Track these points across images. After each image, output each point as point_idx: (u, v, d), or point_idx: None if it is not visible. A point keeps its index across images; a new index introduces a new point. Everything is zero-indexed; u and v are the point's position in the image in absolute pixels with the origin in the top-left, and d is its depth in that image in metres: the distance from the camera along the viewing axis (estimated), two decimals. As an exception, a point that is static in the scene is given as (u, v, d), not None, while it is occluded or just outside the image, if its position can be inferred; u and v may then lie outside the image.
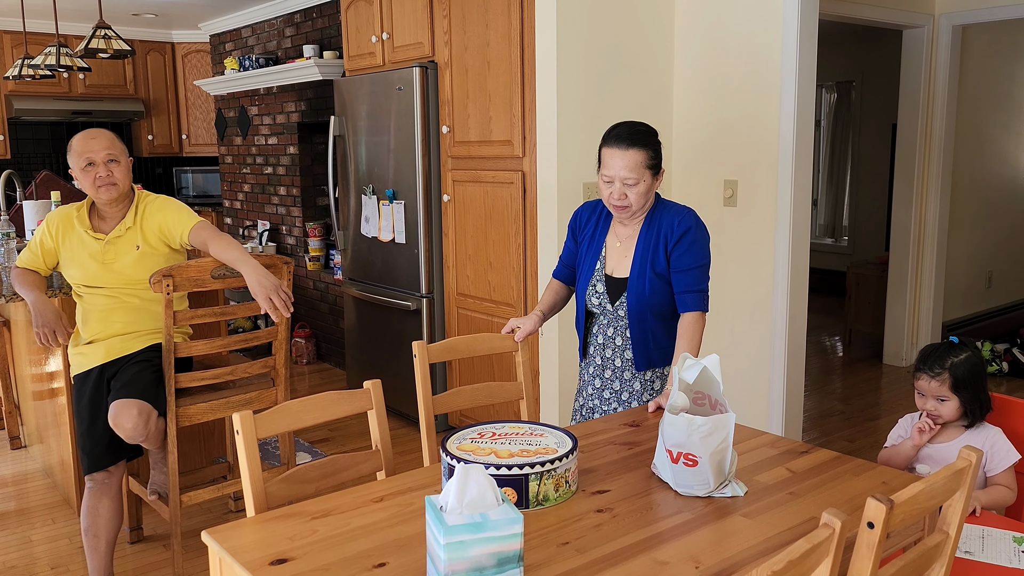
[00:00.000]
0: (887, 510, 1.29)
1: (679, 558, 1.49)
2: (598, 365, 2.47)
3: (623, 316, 2.39)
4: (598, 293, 2.41)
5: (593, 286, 2.41)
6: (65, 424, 3.31)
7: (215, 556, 1.57)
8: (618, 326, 2.41)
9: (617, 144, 2.27)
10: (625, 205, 2.30)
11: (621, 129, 2.30)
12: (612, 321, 2.41)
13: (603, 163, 2.30)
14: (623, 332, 2.40)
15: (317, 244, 5.78)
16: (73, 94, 7.05)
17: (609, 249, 2.42)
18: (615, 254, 2.41)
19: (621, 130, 2.29)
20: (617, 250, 2.41)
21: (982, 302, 6.17)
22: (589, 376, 2.50)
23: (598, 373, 2.47)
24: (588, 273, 2.43)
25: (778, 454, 2.01)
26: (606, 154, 2.29)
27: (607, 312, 2.41)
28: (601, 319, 2.44)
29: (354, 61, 4.71)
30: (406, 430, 4.44)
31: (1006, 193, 6.23)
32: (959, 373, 2.21)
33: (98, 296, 2.79)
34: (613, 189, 2.29)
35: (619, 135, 2.28)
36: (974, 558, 1.95)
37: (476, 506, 1.37)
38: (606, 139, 2.31)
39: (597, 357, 2.47)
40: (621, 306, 2.38)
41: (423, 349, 2.32)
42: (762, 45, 3.42)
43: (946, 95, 5.16)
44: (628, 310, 2.37)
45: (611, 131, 2.32)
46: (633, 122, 2.34)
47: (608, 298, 2.40)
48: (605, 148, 2.30)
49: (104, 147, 2.73)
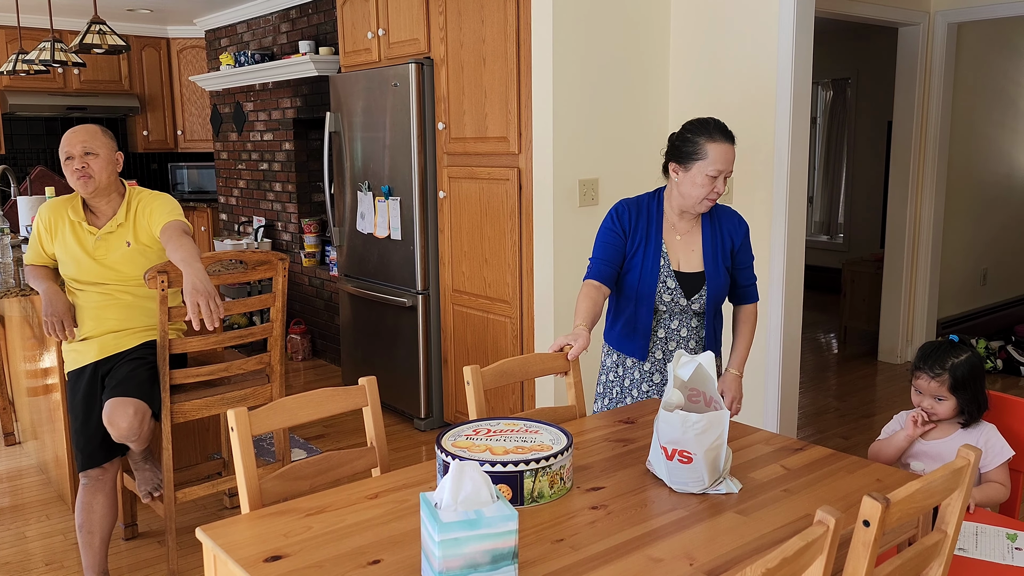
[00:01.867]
0: (883, 508, 1.29)
1: (673, 555, 1.49)
2: (658, 360, 2.49)
3: (695, 309, 2.43)
4: (670, 289, 2.41)
5: (663, 283, 2.40)
6: (59, 420, 3.30)
7: (209, 553, 1.57)
8: (683, 319, 2.45)
9: (725, 138, 2.30)
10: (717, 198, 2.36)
11: (715, 124, 2.32)
12: (677, 315, 2.45)
13: (709, 158, 2.28)
14: (688, 324, 2.45)
15: (313, 240, 5.77)
16: (68, 89, 7.02)
17: (670, 246, 2.43)
18: (677, 250, 2.43)
19: (717, 125, 2.32)
20: (678, 245, 2.43)
21: (977, 299, 6.18)
22: (645, 372, 2.49)
23: (658, 368, 2.49)
24: (653, 271, 2.40)
25: (773, 451, 2.01)
26: (716, 149, 2.28)
27: (678, 307, 2.43)
28: (664, 315, 2.45)
29: (350, 57, 4.69)
30: (401, 427, 4.43)
31: (1001, 190, 6.24)
32: (959, 374, 2.21)
33: (91, 293, 2.79)
34: (718, 183, 2.32)
35: (722, 129, 2.31)
36: (968, 555, 1.96)
37: (471, 503, 1.37)
38: (710, 134, 2.30)
39: (658, 352, 2.48)
40: (697, 300, 2.42)
41: (477, 375, 2.13)
42: (758, 42, 3.41)
43: (941, 92, 5.16)
44: (706, 303, 2.43)
45: (708, 127, 2.31)
46: (714, 118, 2.36)
47: (682, 293, 2.41)
48: (711, 143, 2.29)
49: (81, 140, 2.72)
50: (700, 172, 2.30)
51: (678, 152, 2.35)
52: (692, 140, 2.31)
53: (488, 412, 3.98)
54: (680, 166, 2.35)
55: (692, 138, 2.32)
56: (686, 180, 2.34)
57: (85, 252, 2.78)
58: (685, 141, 2.33)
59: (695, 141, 2.31)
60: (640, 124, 3.73)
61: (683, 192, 2.36)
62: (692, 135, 2.32)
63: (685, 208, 2.40)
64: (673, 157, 2.37)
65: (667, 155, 2.41)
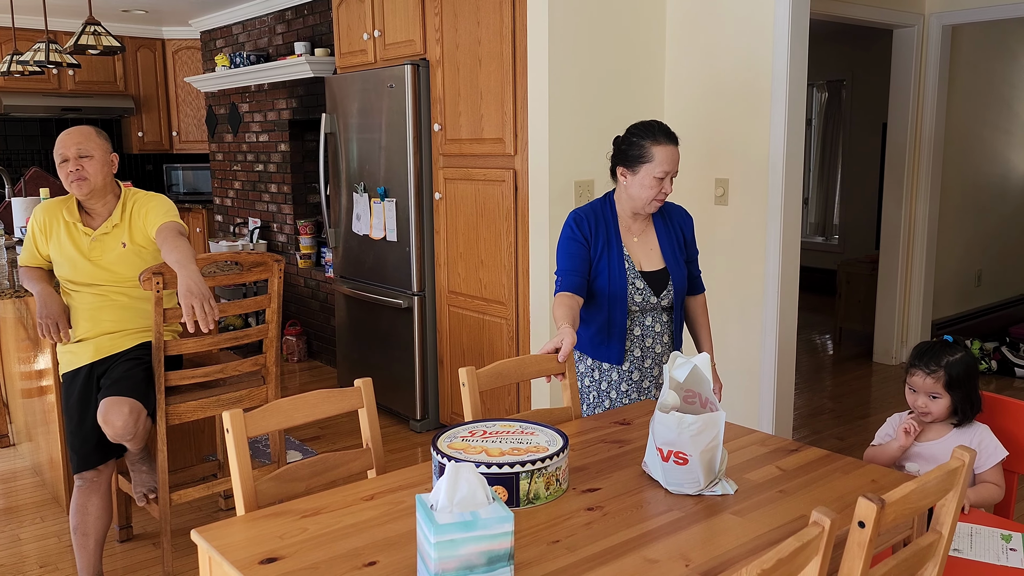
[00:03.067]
0: (878, 509, 1.30)
1: (669, 556, 1.49)
2: (637, 357, 2.52)
3: (664, 305, 2.49)
4: (639, 290, 2.45)
5: (632, 284, 2.45)
6: (54, 422, 3.29)
7: (204, 555, 1.57)
8: (655, 315, 2.50)
9: (668, 140, 2.37)
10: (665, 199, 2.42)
11: (659, 127, 2.38)
12: (649, 311, 2.49)
13: (655, 160, 2.35)
14: (659, 319, 2.51)
15: (308, 242, 5.76)
16: (63, 90, 7.01)
17: (630, 248, 2.48)
18: (637, 250, 2.49)
19: (661, 127, 2.38)
20: (637, 246, 2.49)
21: (971, 300, 6.20)
22: (624, 372, 2.51)
23: (637, 365, 2.52)
24: (621, 274, 2.44)
25: (768, 452, 2.01)
26: (660, 151, 2.34)
27: (648, 305, 2.47)
28: (637, 314, 2.49)
29: (345, 58, 4.69)
30: (397, 428, 4.43)
31: (996, 192, 6.26)
32: (954, 372, 2.22)
33: (86, 294, 2.78)
34: (665, 184, 2.38)
35: (665, 132, 2.37)
36: (963, 556, 1.96)
37: (466, 504, 1.37)
38: (655, 137, 2.35)
39: (636, 350, 2.52)
40: (666, 295, 2.49)
41: (473, 376, 2.13)
42: (753, 44, 3.42)
43: (936, 94, 5.18)
44: (674, 297, 2.50)
45: (652, 130, 2.37)
46: (657, 121, 2.41)
47: (651, 291, 2.46)
48: (656, 146, 2.35)
49: (76, 142, 2.72)
50: (647, 174, 2.37)
51: (624, 156, 2.41)
52: (638, 144, 2.37)
53: (484, 413, 3.98)
54: (628, 169, 2.41)
55: (637, 142, 2.38)
56: (634, 183, 2.40)
57: (80, 253, 2.77)
58: (631, 145, 2.39)
59: (640, 144, 2.37)
60: (636, 125, 3.73)
61: (632, 194, 2.42)
62: (637, 139, 2.38)
63: (636, 209, 2.46)
64: (620, 161, 2.43)
65: (613, 159, 2.46)
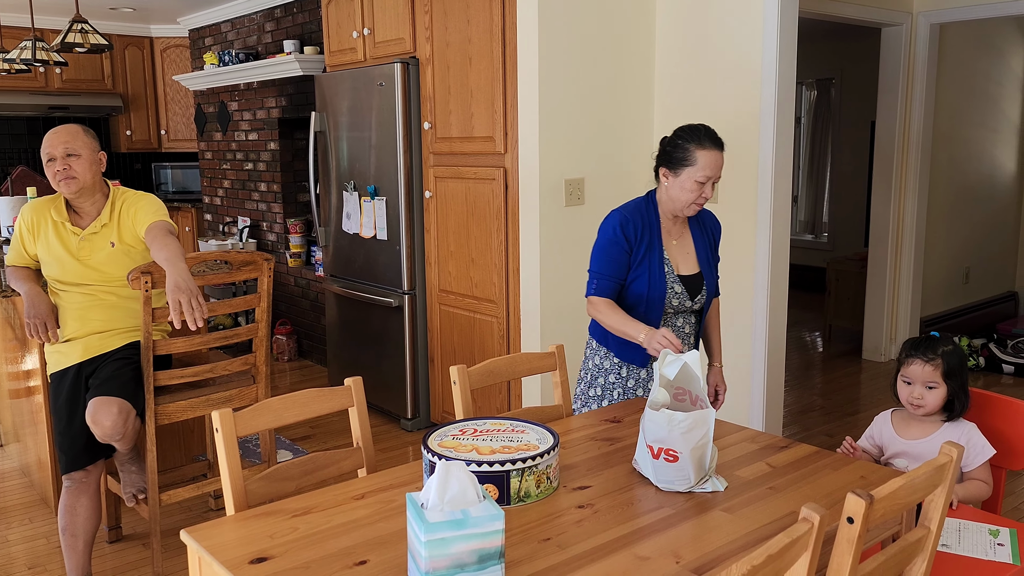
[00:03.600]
0: (867, 505, 1.30)
1: (660, 553, 1.50)
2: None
3: (695, 308, 2.51)
4: (677, 294, 2.45)
5: (672, 288, 2.45)
6: (42, 423, 3.27)
7: (194, 555, 1.56)
8: (686, 317, 2.53)
9: (714, 145, 2.34)
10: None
11: (706, 131, 2.36)
12: (681, 313, 2.51)
13: (699, 164, 2.32)
14: (689, 321, 2.54)
15: (298, 240, 5.75)
16: (50, 89, 6.96)
17: (669, 251, 2.48)
18: (675, 254, 2.49)
19: (708, 132, 2.36)
20: (675, 250, 2.49)
21: (959, 298, 6.23)
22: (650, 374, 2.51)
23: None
24: (661, 278, 2.43)
25: (758, 449, 2.02)
26: (705, 156, 2.32)
27: (683, 308, 2.48)
28: (671, 316, 2.50)
29: (335, 57, 4.68)
30: (388, 427, 4.43)
31: (983, 189, 6.29)
32: (951, 361, 2.24)
33: (74, 294, 2.76)
34: (706, 189, 2.36)
35: (711, 136, 2.35)
36: (951, 551, 1.97)
37: (457, 503, 1.37)
38: (700, 141, 2.33)
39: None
40: (699, 300, 2.50)
41: (464, 375, 2.15)
42: (742, 42, 3.43)
43: (924, 92, 5.20)
44: (705, 301, 2.53)
45: (698, 134, 2.35)
46: (704, 125, 2.39)
47: (687, 295, 2.47)
48: (701, 150, 2.33)
49: (62, 141, 2.70)
50: (689, 178, 2.35)
51: (669, 158, 2.39)
52: (683, 146, 2.36)
53: (475, 412, 3.98)
54: (670, 171, 2.39)
55: (683, 144, 2.36)
56: (675, 185, 2.38)
57: (69, 253, 2.76)
58: (676, 147, 2.37)
59: (685, 147, 2.35)
60: (626, 123, 3.74)
61: (672, 196, 2.41)
62: (683, 141, 2.36)
63: (675, 212, 2.45)
64: (663, 162, 2.42)
65: (658, 159, 2.45)
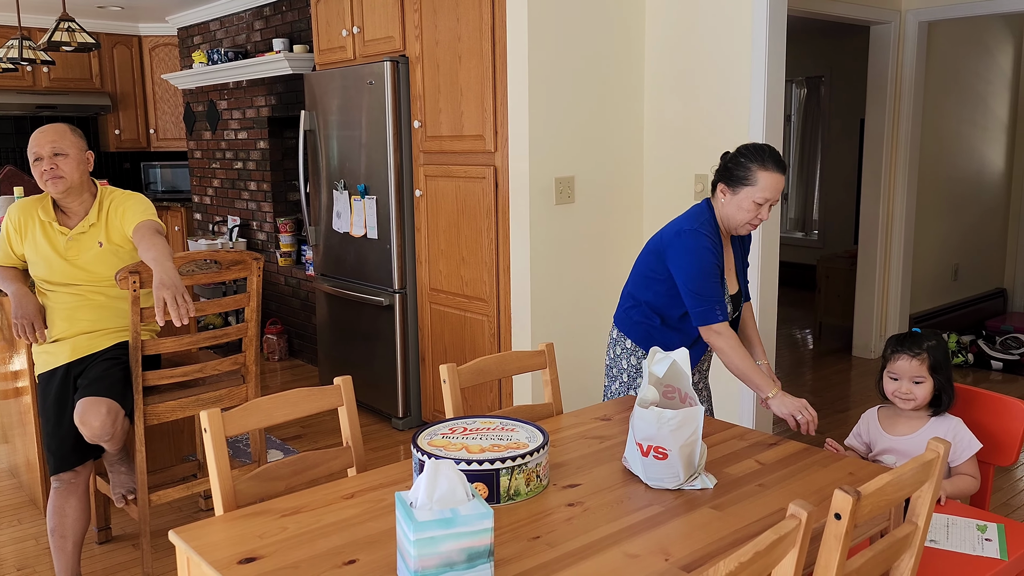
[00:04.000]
0: (854, 501, 1.31)
1: (649, 551, 1.50)
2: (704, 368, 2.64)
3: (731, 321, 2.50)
4: (728, 314, 2.43)
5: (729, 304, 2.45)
6: (30, 424, 3.26)
7: (183, 555, 1.56)
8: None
9: (778, 168, 2.32)
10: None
11: (770, 152, 2.33)
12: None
13: (759, 185, 2.30)
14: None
15: (288, 239, 5.73)
16: (37, 88, 6.92)
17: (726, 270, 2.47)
18: (727, 271, 2.47)
19: (772, 153, 2.33)
20: (726, 266, 2.48)
21: (948, 295, 6.27)
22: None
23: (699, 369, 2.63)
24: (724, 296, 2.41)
25: (747, 446, 2.02)
26: (767, 177, 2.29)
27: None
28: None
29: (324, 55, 4.67)
30: (379, 426, 4.42)
31: (971, 187, 6.32)
32: (936, 355, 2.26)
33: (62, 294, 2.75)
34: (763, 210, 2.34)
35: (775, 159, 2.32)
36: (939, 546, 1.98)
37: (446, 502, 1.37)
38: (763, 162, 2.30)
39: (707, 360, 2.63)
40: (736, 314, 2.52)
41: (454, 373, 2.16)
42: (732, 40, 3.44)
43: (913, 90, 5.23)
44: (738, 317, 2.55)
45: (762, 154, 2.31)
46: (769, 146, 2.36)
47: (732, 310, 2.48)
48: (763, 171, 2.30)
49: (49, 140, 2.68)
50: (747, 197, 2.32)
51: (729, 174, 2.36)
52: (745, 165, 2.32)
53: (466, 410, 3.98)
54: (729, 188, 2.36)
55: (745, 163, 2.32)
56: (732, 203, 2.35)
57: (56, 253, 2.74)
58: (738, 165, 2.34)
59: (748, 167, 2.32)
60: (615, 121, 3.74)
61: (727, 214, 2.38)
62: (746, 160, 2.33)
63: (728, 229, 2.43)
64: (723, 178, 2.38)
65: (717, 174, 2.41)
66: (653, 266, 2.48)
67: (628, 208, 3.84)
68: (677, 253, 2.37)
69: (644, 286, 2.51)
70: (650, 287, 2.49)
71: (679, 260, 2.37)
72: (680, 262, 2.36)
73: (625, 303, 2.59)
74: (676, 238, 2.39)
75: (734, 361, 2.33)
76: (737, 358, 2.33)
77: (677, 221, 2.46)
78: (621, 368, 2.58)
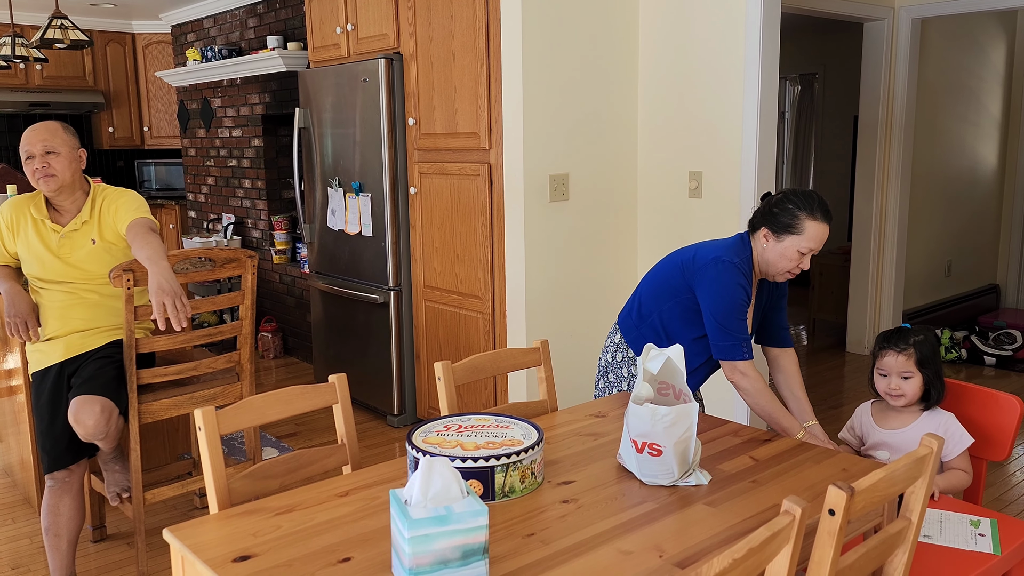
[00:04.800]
0: (848, 497, 1.31)
1: (643, 547, 1.50)
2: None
3: None
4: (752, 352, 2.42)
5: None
6: (24, 422, 3.25)
7: (177, 554, 1.56)
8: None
9: (825, 218, 2.27)
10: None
11: (819, 201, 2.28)
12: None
13: (806, 235, 2.25)
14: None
15: (283, 237, 5.72)
16: (30, 85, 6.90)
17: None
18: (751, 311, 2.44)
19: (821, 203, 2.28)
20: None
21: (941, 291, 6.29)
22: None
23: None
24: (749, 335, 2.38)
25: (741, 443, 2.03)
26: (813, 227, 2.25)
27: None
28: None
29: (318, 53, 4.66)
30: (375, 423, 4.42)
31: (964, 183, 6.34)
32: (923, 350, 2.26)
33: (56, 292, 2.74)
34: (805, 260, 2.30)
35: (824, 209, 2.27)
36: (932, 541, 1.99)
37: (441, 499, 1.37)
38: (812, 211, 2.25)
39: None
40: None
41: (448, 371, 2.16)
42: (725, 37, 3.44)
43: (906, 87, 5.24)
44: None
45: (811, 203, 2.26)
46: (818, 194, 2.31)
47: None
48: (812, 221, 2.25)
49: (41, 139, 2.67)
50: (792, 246, 2.27)
51: (774, 219, 2.30)
52: (793, 212, 2.27)
53: (461, 407, 3.98)
54: (772, 234, 2.30)
55: (793, 210, 2.27)
56: (775, 249, 2.30)
57: (49, 250, 2.73)
58: (784, 211, 2.28)
59: (796, 214, 2.26)
60: (610, 119, 3.75)
61: (768, 260, 2.33)
62: (794, 208, 2.27)
63: (765, 275, 2.38)
64: (767, 222, 2.32)
65: (761, 217, 2.35)
66: (675, 282, 2.41)
67: (622, 205, 3.85)
68: (710, 281, 2.31)
69: (660, 298, 2.45)
70: (665, 301, 2.43)
71: (711, 288, 2.31)
72: (711, 291, 2.30)
73: (634, 312, 2.53)
74: (713, 266, 2.31)
75: (759, 403, 2.29)
76: (764, 400, 2.28)
77: (716, 247, 2.38)
78: (620, 376, 2.54)
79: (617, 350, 2.56)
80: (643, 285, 2.54)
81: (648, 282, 2.52)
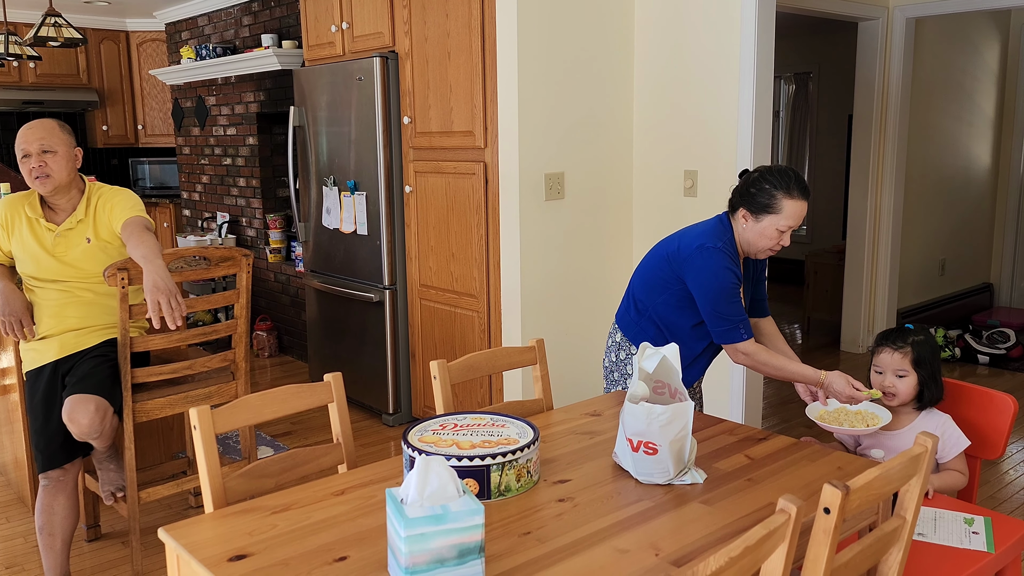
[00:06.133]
0: (843, 496, 1.32)
1: (639, 546, 1.51)
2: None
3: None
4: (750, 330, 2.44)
5: None
6: (18, 421, 3.24)
7: (172, 553, 1.55)
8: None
9: (802, 195, 2.28)
10: None
11: (795, 178, 2.29)
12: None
13: (783, 213, 2.27)
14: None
15: (278, 236, 5.71)
16: (24, 83, 6.87)
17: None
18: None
19: (797, 180, 2.29)
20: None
21: (936, 289, 6.30)
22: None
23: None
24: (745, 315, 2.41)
25: (737, 441, 2.03)
26: (791, 205, 2.26)
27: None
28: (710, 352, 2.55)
29: (313, 51, 4.65)
30: (370, 422, 4.42)
31: (958, 182, 6.36)
32: (920, 350, 2.27)
33: (50, 290, 2.73)
34: (784, 237, 2.31)
35: (801, 186, 2.29)
36: (927, 540, 2.00)
37: (437, 498, 1.37)
38: (789, 189, 2.26)
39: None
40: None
41: (444, 369, 2.16)
42: (720, 36, 3.44)
43: (900, 86, 5.25)
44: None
45: (788, 181, 2.27)
46: (794, 171, 2.32)
47: None
48: (789, 199, 2.26)
49: (38, 138, 2.65)
50: (771, 225, 2.29)
51: (751, 199, 2.31)
52: (769, 192, 2.28)
53: (456, 406, 3.98)
54: (751, 214, 2.32)
55: (770, 190, 2.28)
56: (753, 229, 2.32)
57: (44, 249, 2.72)
58: (761, 191, 2.29)
59: (772, 194, 2.28)
60: (605, 117, 3.75)
61: (748, 239, 2.35)
62: (771, 187, 2.28)
63: (747, 253, 2.40)
64: (745, 202, 2.33)
65: (738, 196, 2.36)
66: (664, 275, 2.42)
67: (618, 204, 3.85)
68: (698, 270, 2.32)
69: (652, 292, 2.46)
70: (659, 294, 2.44)
71: (699, 277, 2.32)
72: (700, 279, 2.32)
73: (631, 308, 2.53)
74: (698, 254, 2.32)
75: (771, 368, 2.32)
76: (775, 364, 2.32)
77: (696, 234, 2.39)
78: (626, 374, 2.54)
79: (620, 349, 2.56)
80: (634, 281, 2.55)
81: (638, 277, 2.53)
